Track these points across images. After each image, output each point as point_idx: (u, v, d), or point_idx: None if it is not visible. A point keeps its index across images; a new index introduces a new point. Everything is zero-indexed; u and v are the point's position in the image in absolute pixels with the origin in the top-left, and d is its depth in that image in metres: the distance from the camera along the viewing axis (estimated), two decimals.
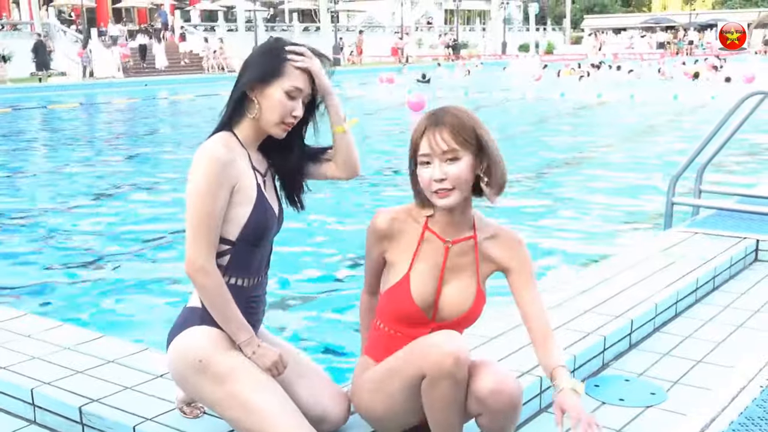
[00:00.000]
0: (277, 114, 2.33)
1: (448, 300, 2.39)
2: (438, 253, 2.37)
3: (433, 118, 2.26)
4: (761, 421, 2.91)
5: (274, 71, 2.33)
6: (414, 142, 2.28)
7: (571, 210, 8.82)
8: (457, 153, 2.22)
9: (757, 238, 5.07)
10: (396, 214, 2.40)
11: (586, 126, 17.92)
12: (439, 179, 2.23)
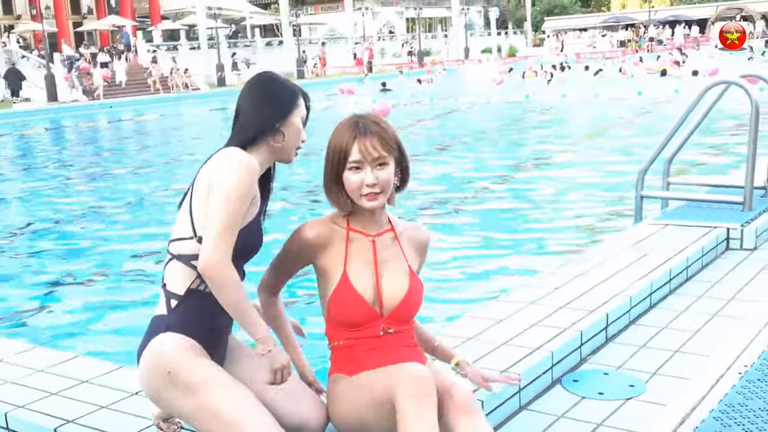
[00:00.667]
0: (297, 140, 2.49)
1: (388, 288, 2.48)
2: (366, 248, 2.50)
3: (360, 126, 2.41)
4: (741, 408, 2.90)
5: (292, 102, 2.48)
6: (343, 150, 2.40)
7: (541, 209, 8.86)
8: (385, 159, 2.41)
9: (727, 226, 5.10)
10: (321, 224, 2.52)
11: (553, 126, 18.04)
12: (371, 184, 2.39)
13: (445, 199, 9.77)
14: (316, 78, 38.87)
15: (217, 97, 31.01)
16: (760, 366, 3.24)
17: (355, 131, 2.40)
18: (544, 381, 3.17)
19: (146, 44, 39.62)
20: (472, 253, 7.02)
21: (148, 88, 33.80)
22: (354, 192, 2.42)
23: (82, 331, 5.54)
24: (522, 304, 3.80)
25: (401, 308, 2.49)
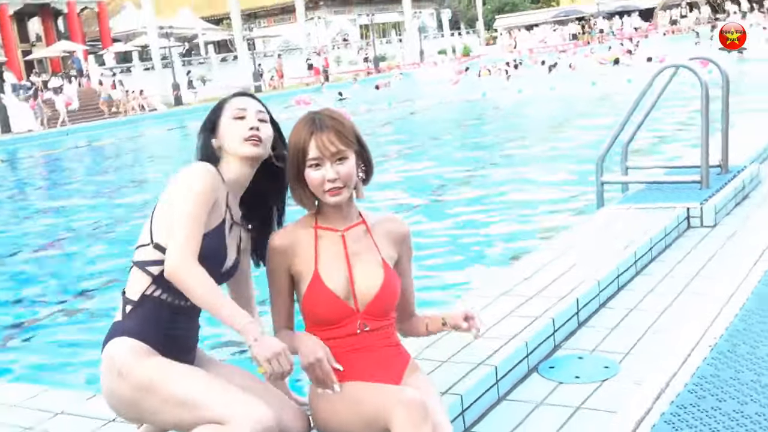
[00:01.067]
0: (233, 137, 2.44)
1: (362, 281, 2.45)
2: (336, 243, 2.48)
3: (316, 122, 2.40)
4: (714, 379, 2.97)
5: (214, 112, 2.52)
6: (301, 148, 2.39)
7: (506, 203, 8.95)
8: (344, 153, 2.39)
9: (686, 206, 5.20)
10: (287, 230, 2.53)
11: (512, 121, 18.23)
12: (332, 179, 2.38)
13: (409, 200, 9.83)
14: (274, 91, 38.72)
15: (174, 117, 30.78)
16: (728, 338, 3.32)
17: (312, 127, 2.39)
18: (520, 370, 3.21)
19: (99, 68, 39.18)
20: (440, 251, 7.07)
21: (103, 112, 33.42)
22: (317, 188, 2.41)
23: (50, 363, 5.45)
24: (492, 297, 3.84)
25: (377, 302, 2.46)
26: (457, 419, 2.77)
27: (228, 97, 2.55)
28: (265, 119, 2.51)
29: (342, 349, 2.42)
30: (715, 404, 2.78)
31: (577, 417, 2.84)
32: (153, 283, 2.33)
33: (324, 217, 2.51)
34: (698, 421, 2.68)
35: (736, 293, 3.81)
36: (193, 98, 36.93)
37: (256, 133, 2.44)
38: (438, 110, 22.91)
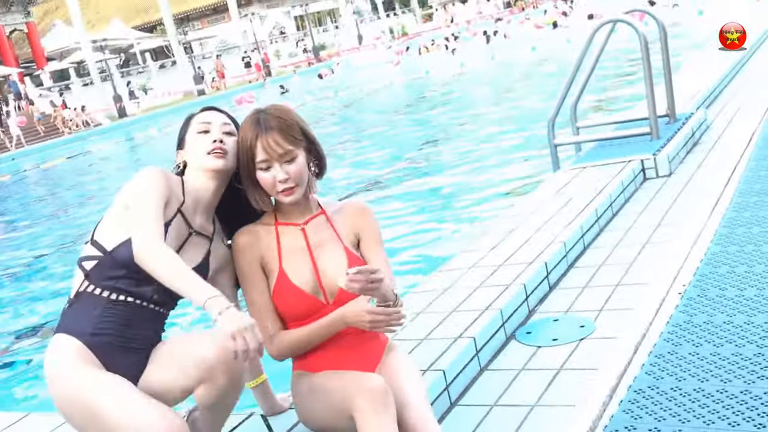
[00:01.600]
0: (197, 151, 2.41)
1: (328, 273, 2.42)
2: (298, 238, 2.47)
3: (261, 123, 2.37)
4: (687, 325, 3.01)
5: (183, 128, 2.50)
6: (248, 150, 2.37)
7: (463, 176, 8.97)
8: (292, 153, 2.37)
9: (640, 158, 5.26)
10: (248, 229, 2.49)
11: (458, 95, 18.27)
12: (283, 179, 2.36)
13: (365, 185, 9.80)
14: (217, 92, 38.27)
15: (120, 129, 30.30)
16: (697, 283, 3.37)
17: (257, 129, 2.36)
18: (498, 339, 3.22)
19: (37, 89, 38.33)
20: (404, 231, 7.07)
21: (51, 133, 32.72)
22: (270, 190, 2.41)
23: (26, 389, 5.37)
24: (462, 270, 3.85)
25: (344, 291, 2.37)
26: (442, 395, 2.77)
27: (197, 112, 2.53)
28: (231, 132, 2.45)
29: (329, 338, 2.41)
30: (692, 350, 2.82)
31: (559, 378, 2.86)
32: (86, 279, 2.26)
33: (282, 213, 2.50)
34: (678, 368, 2.71)
35: (700, 238, 3.87)
36: (136, 109, 36.34)
37: (219, 146, 2.39)
38: (385, 93, 22.87)
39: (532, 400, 2.73)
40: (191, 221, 2.41)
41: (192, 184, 2.43)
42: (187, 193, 2.42)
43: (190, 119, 2.51)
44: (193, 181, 2.43)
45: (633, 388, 2.65)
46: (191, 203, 2.42)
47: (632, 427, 2.41)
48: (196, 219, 2.43)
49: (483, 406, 2.77)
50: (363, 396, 2.13)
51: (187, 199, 2.41)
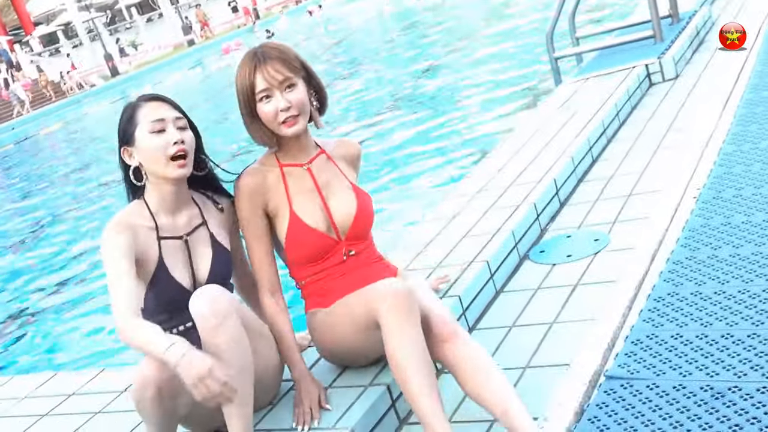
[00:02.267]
0: (156, 156, 2.22)
1: (339, 211, 2.42)
2: (304, 178, 2.43)
3: (258, 55, 2.33)
4: (705, 229, 2.94)
5: (128, 123, 2.26)
6: (247, 84, 2.32)
7: (466, 99, 8.84)
8: (292, 80, 2.33)
9: (644, 63, 5.11)
10: (253, 169, 2.42)
11: (451, 21, 17.88)
12: (285, 108, 2.31)
13: (366, 119, 9.67)
14: (207, 41, 37.70)
15: (114, 88, 30.05)
16: (711, 185, 3.28)
17: (255, 61, 2.32)
18: (512, 260, 3.16)
19: (27, 55, 37.94)
20: (411, 159, 6.99)
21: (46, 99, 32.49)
22: (272, 122, 2.34)
23: (52, 350, 5.42)
24: (471, 194, 3.77)
25: (356, 226, 2.43)
26: (459, 320, 2.72)
27: (137, 101, 2.29)
28: (184, 126, 2.27)
29: (332, 277, 2.41)
30: (711, 253, 2.75)
31: (576, 294, 2.80)
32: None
33: (285, 154, 2.43)
34: (697, 273, 2.65)
35: (712, 139, 3.76)
36: (128, 66, 35.94)
37: (182, 148, 2.22)
38: (375, 23, 22.46)
39: (550, 318, 2.68)
40: (175, 230, 2.31)
41: (156, 196, 2.29)
42: (156, 211, 2.29)
43: (134, 112, 2.25)
44: (156, 192, 2.28)
45: (652, 296, 2.59)
46: (164, 215, 2.31)
47: (654, 335, 2.36)
48: (178, 221, 2.33)
49: (501, 328, 2.73)
50: (387, 300, 2.10)
51: (159, 218, 2.29)
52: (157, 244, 2.27)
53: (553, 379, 2.28)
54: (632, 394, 2.12)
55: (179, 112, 2.28)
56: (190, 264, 2.32)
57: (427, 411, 2.01)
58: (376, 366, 2.40)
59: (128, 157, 2.27)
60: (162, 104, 2.26)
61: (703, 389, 2.05)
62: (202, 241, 2.36)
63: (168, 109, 2.26)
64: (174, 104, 2.30)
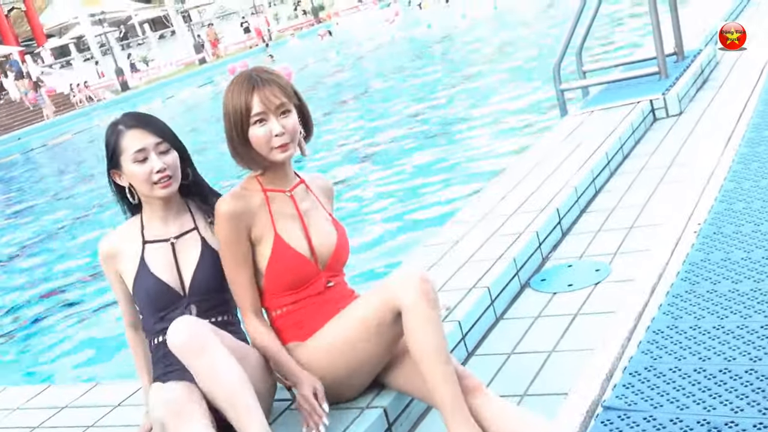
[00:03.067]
0: (142, 182, 2.35)
1: (320, 240, 2.42)
2: (287, 204, 2.43)
3: (255, 78, 2.32)
4: (705, 263, 2.96)
5: (114, 150, 2.37)
6: (243, 106, 2.30)
7: (471, 129, 8.88)
8: (287, 106, 2.33)
9: (649, 98, 5.16)
10: (235, 194, 2.38)
11: (461, 47, 18.03)
12: (279, 133, 2.30)
13: (371, 141, 9.73)
14: (218, 59, 37.95)
15: (124, 102, 30.15)
16: (713, 221, 3.30)
17: (252, 83, 2.31)
18: (513, 288, 3.18)
19: (38, 66, 38.19)
20: (411, 185, 7.02)
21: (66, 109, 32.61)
22: (263, 146, 2.32)
23: (45, 362, 5.42)
24: (473, 222, 3.80)
25: (336, 257, 2.43)
26: (458, 346, 2.74)
27: (120, 126, 2.38)
28: (166, 149, 2.36)
29: (311, 308, 2.37)
30: (710, 288, 2.77)
31: (576, 323, 2.82)
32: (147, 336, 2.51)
33: (268, 180, 2.42)
34: (696, 307, 2.66)
35: (713, 175, 3.79)
36: (139, 81, 36.15)
37: (165, 175, 2.34)
38: (387, 50, 22.63)
39: (549, 346, 2.70)
40: (163, 235, 2.42)
41: (148, 209, 2.43)
42: (148, 220, 2.44)
43: (117, 136, 2.36)
44: (148, 205, 2.43)
45: (651, 328, 2.61)
46: (156, 223, 2.43)
47: (652, 367, 2.38)
48: (169, 227, 2.43)
49: (500, 355, 2.74)
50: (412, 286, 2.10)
51: (151, 227, 2.43)
52: (141, 248, 2.40)
53: (551, 408, 2.29)
54: (629, 426, 2.13)
55: (159, 136, 2.35)
56: (176, 265, 2.40)
57: (450, 400, 2.04)
58: (371, 390, 2.40)
59: (119, 179, 2.41)
60: (142, 132, 2.34)
61: (700, 423, 2.06)
62: (190, 244, 2.43)
63: (148, 136, 2.34)
64: (155, 126, 2.38)
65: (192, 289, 2.38)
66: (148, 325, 2.42)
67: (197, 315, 2.37)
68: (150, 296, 2.37)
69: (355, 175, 8.23)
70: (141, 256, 2.39)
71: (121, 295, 2.48)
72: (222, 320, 2.43)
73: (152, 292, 2.37)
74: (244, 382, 2.06)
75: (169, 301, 2.37)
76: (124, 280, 2.43)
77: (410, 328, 2.10)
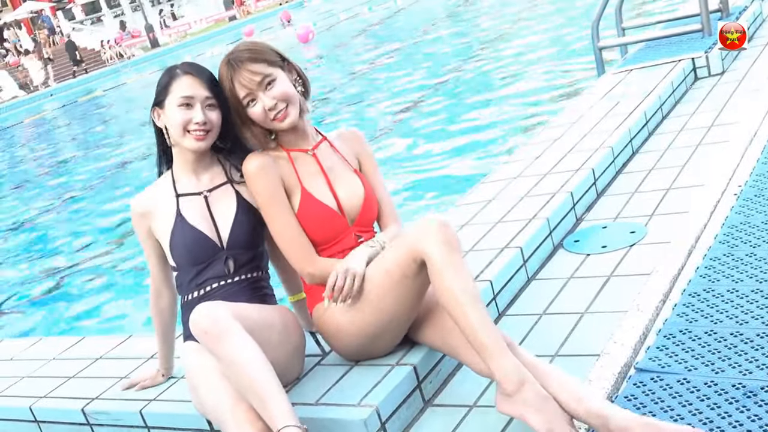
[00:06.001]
0: (177, 126, 2.35)
1: (346, 195, 2.42)
2: (311, 163, 2.44)
3: (231, 63, 2.34)
4: (745, 226, 2.89)
5: (163, 90, 2.39)
6: (231, 94, 2.34)
7: (507, 86, 8.77)
8: (270, 76, 2.33)
9: (691, 56, 5.01)
10: (258, 155, 2.39)
11: (497, 6, 17.71)
12: (271, 106, 2.32)
13: (408, 100, 9.64)
14: (248, 16, 37.76)
15: (155, 59, 30.25)
16: (754, 183, 3.22)
17: (230, 71, 2.33)
18: (545, 248, 3.13)
19: (70, 22, 38.34)
20: (446, 145, 6.96)
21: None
22: (265, 122, 2.36)
23: (81, 315, 5.51)
24: (507, 180, 3.74)
25: (364, 211, 2.43)
26: (490, 305, 2.71)
27: (177, 69, 2.39)
28: (213, 105, 2.37)
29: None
30: (749, 251, 2.71)
31: (610, 285, 2.77)
32: (180, 292, 2.54)
33: (287, 142, 2.44)
34: (734, 270, 2.61)
35: (756, 136, 3.69)
36: (168, 38, 36.15)
37: (201, 128, 2.34)
38: (422, 4, 22.33)
39: (581, 307, 2.66)
40: (196, 187, 2.43)
41: (180, 158, 2.44)
42: (179, 175, 2.44)
43: (170, 81, 2.37)
44: (179, 155, 2.44)
45: (687, 291, 2.56)
46: (187, 175, 2.44)
47: (687, 330, 2.33)
48: (201, 180, 2.44)
49: (532, 315, 2.71)
50: (434, 234, 2.07)
51: (181, 180, 2.44)
52: (175, 201, 2.41)
53: (583, 369, 2.26)
54: (662, 388, 2.10)
55: (211, 92, 2.36)
56: (211, 218, 2.40)
57: (490, 340, 2.01)
58: (402, 347, 2.40)
59: (157, 117, 2.42)
60: (196, 81, 2.36)
61: (735, 387, 2.02)
62: (224, 197, 2.44)
63: (200, 88, 2.36)
64: (210, 81, 2.38)
65: (230, 241, 2.39)
66: (183, 281, 2.42)
67: (234, 270, 2.38)
68: (188, 247, 2.37)
69: (387, 134, 8.17)
70: (177, 209, 2.40)
71: (153, 253, 2.49)
72: (254, 276, 2.45)
73: (191, 243, 2.37)
74: (264, 369, 2.00)
75: (208, 254, 2.37)
76: (159, 237, 2.44)
77: (435, 275, 2.07)
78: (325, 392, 2.31)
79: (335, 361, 2.47)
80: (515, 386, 1.97)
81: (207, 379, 2.13)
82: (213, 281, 2.39)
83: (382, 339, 2.33)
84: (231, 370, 2.02)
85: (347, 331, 2.31)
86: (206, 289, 2.38)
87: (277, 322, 2.32)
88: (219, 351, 2.02)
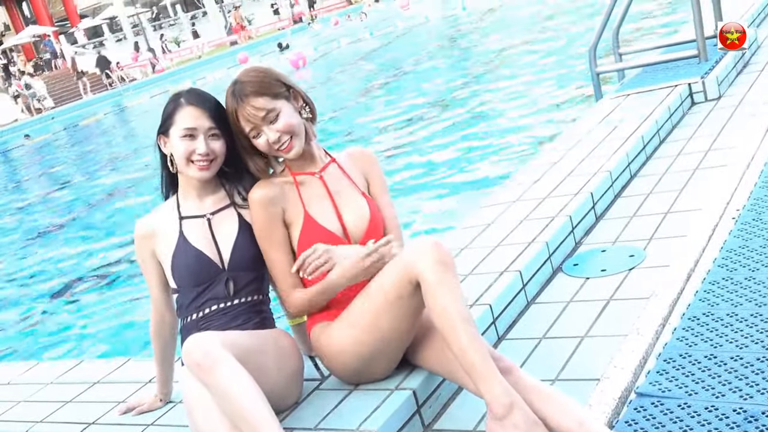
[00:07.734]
0: (181, 157, 2.37)
1: (352, 219, 2.43)
2: (317, 186, 2.45)
3: (236, 95, 2.34)
4: (743, 250, 2.89)
5: (167, 119, 2.41)
6: (237, 128, 2.36)
7: (505, 111, 8.81)
8: (274, 111, 2.33)
9: (687, 82, 5.05)
10: (264, 183, 2.43)
11: (496, 28, 17.85)
12: (275, 140, 2.34)
13: (406, 121, 9.68)
14: (250, 41, 37.92)
15: (155, 83, 30.36)
16: (752, 207, 3.23)
17: (234, 104, 2.34)
18: (545, 272, 3.14)
19: (72, 47, 38.55)
20: (445, 167, 6.98)
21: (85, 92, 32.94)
22: (270, 152, 2.39)
23: (78, 338, 5.50)
24: (506, 204, 3.75)
25: (369, 234, 2.42)
26: (489, 329, 2.71)
27: (181, 99, 2.40)
28: (217, 135, 2.39)
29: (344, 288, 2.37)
30: (748, 275, 2.71)
31: (609, 309, 2.78)
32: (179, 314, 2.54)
33: (295, 165, 2.46)
34: (733, 294, 2.61)
35: (753, 161, 3.71)
36: (170, 63, 36.33)
37: (204, 159, 2.37)
38: (420, 30, 22.49)
39: (581, 331, 2.66)
40: (199, 210, 2.45)
41: (184, 183, 2.47)
42: (184, 198, 2.47)
43: (174, 107, 2.40)
44: (184, 180, 2.47)
45: (687, 315, 2.56)
46: (192, 199, 2.47)
47: (687, 354, 2.33)
48: (204, 203, 2.46)
49: (531, 339, 2.71)
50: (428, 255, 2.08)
51: (186, 204, 2.46)
52: (179, 223, 2.43)
53: (583, 394, 2.25)
54: (663, 413, 2.10)
55: (215, 122, 2.38)
56: (213, 239, 2.42)
57: (480, 362, 2.00)
58: (401, 371, 2.39)
59: (163, 144, 2.45)
60: (199, 112, 2.38)
61: (736, 411, 2.02)
62: (227, 219, 2.46)
63: (203, 119, 2.38)
64: (213, 110, 2.39)
65: (232, 262, 2.40)
66: (184, 302, 2.43)
67: (234, 292, 2.39)
68: (190, 268, 2.39)
69: (386, 160, 8.21)
70: (180, 231, 2.42)
71: (155, 276, 2.49)
72: (254, 299, 2.45)
73: (192, 264, 2.39)
74: (256, 399, 2.00)
75: (209, 274, 2.39)
76: (161, 259, 2.46)
77: (429, 294, 2.08)
78: (324, 417, 2.30)
79: (334, 385, 2.47)
80: (505, 409, 1.96)
81: (204, 405, 2.12)
82: (212, 303, 2.39)
83: (379, 360, 2.33)
84: (224, 401, 2.02)
85: (344, 352, 2.31)
86: (205, 312, 2.39)
87: (271, 347, 2.31)
88: (211, 383, 2.02)
